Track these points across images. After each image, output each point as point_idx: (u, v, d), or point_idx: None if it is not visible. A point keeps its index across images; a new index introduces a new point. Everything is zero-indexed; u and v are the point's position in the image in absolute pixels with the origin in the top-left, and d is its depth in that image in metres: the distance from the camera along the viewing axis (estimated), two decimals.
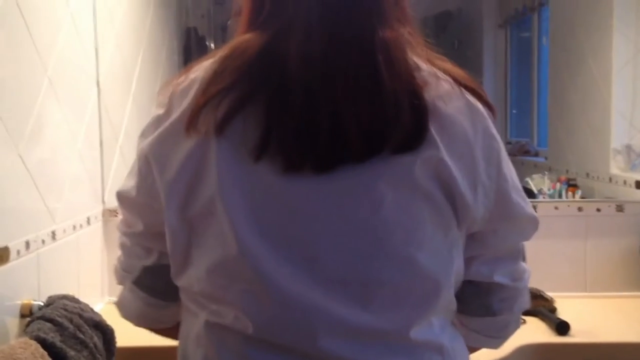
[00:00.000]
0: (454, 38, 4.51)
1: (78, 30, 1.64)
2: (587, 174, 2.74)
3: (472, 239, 0.88)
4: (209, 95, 0.77)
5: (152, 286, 0.91)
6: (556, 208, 1.93)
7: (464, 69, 0.83)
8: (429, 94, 0.77)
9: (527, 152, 3.64)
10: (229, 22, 2.97)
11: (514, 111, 4.11)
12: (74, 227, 1.58)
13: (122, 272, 0.96)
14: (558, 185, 2.67)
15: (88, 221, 1.69)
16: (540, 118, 3.68)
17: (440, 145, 0.77)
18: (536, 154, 3.62)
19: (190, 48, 3.21)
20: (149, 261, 0.91)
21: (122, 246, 0.95)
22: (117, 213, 1.80)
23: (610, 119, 2.55)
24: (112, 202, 1.83)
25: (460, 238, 0.84)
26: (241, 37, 0.82)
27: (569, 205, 1.94)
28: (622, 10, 2.48)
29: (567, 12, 2.90)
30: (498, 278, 0.90)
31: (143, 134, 0.86)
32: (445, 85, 0.80)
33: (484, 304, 0.91)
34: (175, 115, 0.80)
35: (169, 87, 0.84)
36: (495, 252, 0.90)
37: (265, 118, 0.75)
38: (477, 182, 0.81)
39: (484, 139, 0.82)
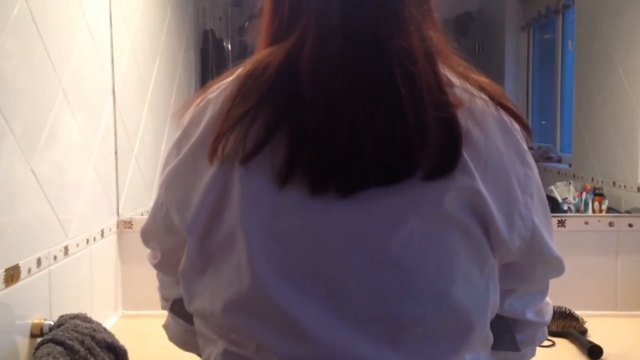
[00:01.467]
0: (475, 40, 4.43)
1: (94, 39, 1.59)
2: (614, 183, 2.65)
3: (506, 270, 0.82)
4: (233, 120, 0.73)
5: (187, 314, 0.87)
6: (586, 223, 1.85)
7: (486, 74, 0.79)
8: (462, 114, 0.72)
9: (549, 158, 3.56)
10: (246, 24, 2.93)
11: (536, 116, 4.02)
12: (87, 241, 1.53)
13: (162, 300, 0.97)
14: (584, 194, 2.59)
15: (102, 234, 1.64)
16: (564, 123, 3.60)
17: (475, 173, 0.72)
18: (559, 160, 3.54)
19: (207, 50, 3.17)
20: (179, 291, 0.87)
21: (157, 275, 0.96)
22: (131, 224, 1.76)
23: (639, 127, 2.47)
24: (127, 213, 1.79)
25: (496, 270, 0.79)
26: (262, 53, 0.78)
27: (599, 220, 1.86)
28: None
29: (594, 16, 2.81)
30: (529, 315, 0.87)
31: (166, 161, 0.82)
32: (479, 103, 0.74)
33: (512, 339, 0.88)
34: (194, 138, 0.77)
35: (188, 107, 0.81)
36: (528, 288, 0.86)
37: (289, 143, 0.71)
38: (513, 214, 0.76)
39: (520, 165, 0.77)
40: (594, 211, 2.48)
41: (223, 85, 0.78)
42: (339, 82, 0.71)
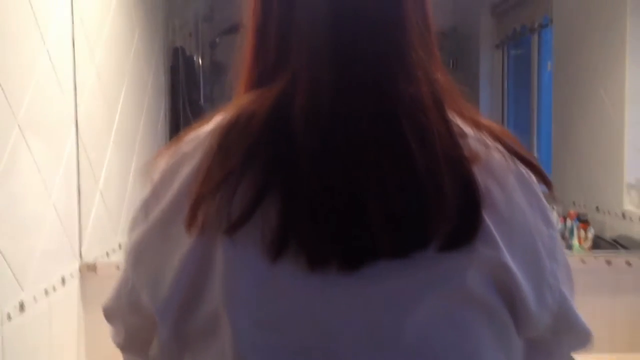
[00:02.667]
0: (449, 57, 4.37)
1: (55, 68, 1.44)
2: (597, 208, 2.58)
3: (531, 347, 0.71)
4: (214, 181, 0.62)
5: None
6: (583, 262, 1.75)
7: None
8: (480, 170, 0.62)
9: None
10: (217, 40, 2.80)
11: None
12: (46, 292, 1.37)
13: None
14: (569, 221, 2.51)
15: (63, 281, 1.48)
16: (541, 144, 3.53)
17: (499, 241, 0.62)
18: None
19: (177, 68, 3.03)
20: None
21: (123, 356, 0.83)
22: (95, 268, 1.60)
23: (623, 152, 2.39)
24: (91, 255, 1.63)
25: (521, 353, 0.69)
26: (244, 99, 0.66)
27: (595, 258, 1.76)
28: (635, 37, 2.32)
29: (574, 36, 2.74)
30: None
31: (132, 225, 0.69)
32: (497, 156, 0.65)
33: None
34: (165, 201, 0.65)
35: (158, 161, 0.68)
36: None
37: (281, 208, 0.60)
38: (542, 286, 0.66)
39: (544, 226, 0.68)
40: (579, 239, 2.40)
41: (200, 137, 0.66)
42: (338, 137, 0.61)
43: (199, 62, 2.80)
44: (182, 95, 2.96)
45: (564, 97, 2.85)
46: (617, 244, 2.28)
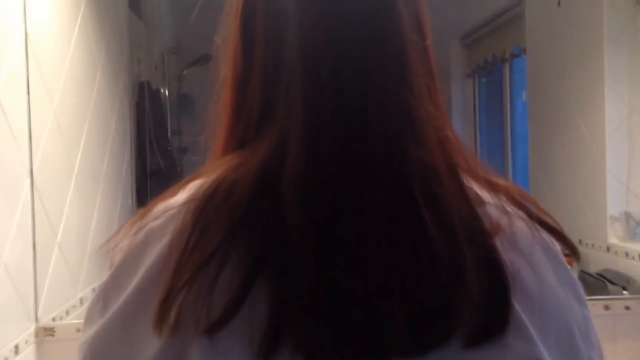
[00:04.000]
0: None
1: (6, 113, 1.30)
2: (580, 241, 2.49)
3: None
4: (190, 270, 0.50)
5: None
6: None
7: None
8: (503, 245, 0.54)
9: None
10: (184, 72, 2.68)
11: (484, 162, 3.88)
12: None
13: None
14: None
15: (16, 350, 1.31)
16: (517, 174, 3.46)
17: (532, 332, 0.53)
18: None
19: (143, 104, 2.88)
20: None
21: None
22: (53, 332, 1.43)
23: (605, 183, 2.32)
24: (49, 315, 1.46)
25: None
26: (223, 164, 0.55)
27: (594, 304, 1.66)
28: (613, 67, 2.26)
29: (549, 66, 2.68)
30: None
31: (87, 318, 0.56)
32: (521, 227, 0.57)
33: None
34: (128, 290, 0.53)
35: (120, 238, 0.56)
36: None
37: (272, 301, 0.49)
38: None
39: (577, 304, 0.60)
40: None
41: (172, 209, 0.55)
42: (339, 213, 0.51)
43: (165, 95, 2.66)
44: (149, 131, 2.82)
45: (541, 127, 2.78)
46: (603, 278, 2.19)
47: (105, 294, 0.54)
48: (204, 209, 0.51)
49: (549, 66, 2.69)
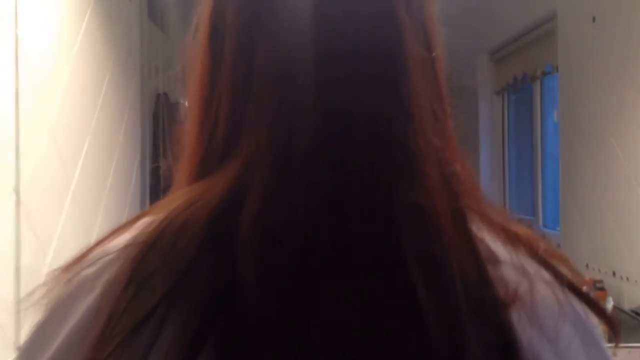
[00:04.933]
0: None
1: None
2: (614, 273, 2.31)
3: None
4: (119, 335, 0.41)
5: None
6: (614, 355, 1.47)
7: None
8: (521, 320, 0.43)
9: None
10: None
11: (513, 185, 3.71)
12: None
13: None
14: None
15: None
16: (547, 196, 3.28)
17: None
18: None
19: (158, 116, 2.78)
20: None
21: None
22: None
23: None
24: None
25: None
26: (177, 200, 0.45)
27: (629, 352, 1.49)
28: None
29: (582, 85, 2.50)
30: None
31: None
32: (544, 292, 0.46)
33: None
34: (50, 352, 0.44)
35: (50, 290, 0.46)
36: None
37: None
38: None
39: None
40: None
41: (109, 255, 0.45)
42: (307, 275, 0.41)
43: (185, 108, 2.56)
44: (164, 145, 2.71)
45: (572, 148, 2.60)
46: (637, 315, 2.01)
47: (28, 355, 0.45)
48: (144, 258, 0.42)
49: (582, 85, 2.51)
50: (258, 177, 0.42)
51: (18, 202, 1.31)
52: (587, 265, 2.47)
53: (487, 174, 3.77)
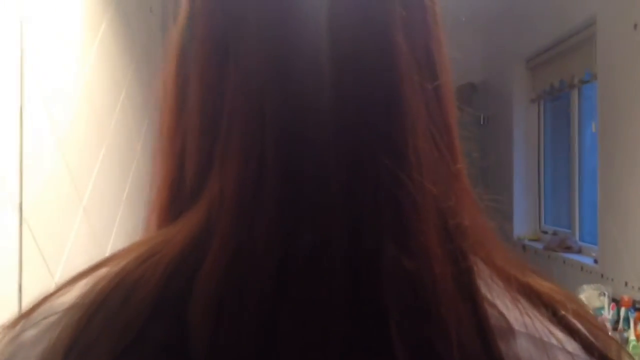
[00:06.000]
0: (479, 113, 4.00)
1: None
2: None
3: None
4: None
5: None
6: None
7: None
8: None
9: (568, 248, 3.06)
10: None
11: (549, 196, 3.55)
12: None
13: None
14: (623, 310, 2.08)
15: None
16: (584, 209, 3.12)
17: None
18: (579, 251, 3.04)
19: None
20: None
21: None
22: None
23: None
24: None
25: None
26: (136, 251, 0.38)
27: None
28: None
29: (623, 95, 2.35)
30: None
31: None
32: None
33: None
34: None
35: (2, 333, 0.40)
36: None
37: None
38: None
39: None
40: (637, 335, 1.97)
41: (53, 316, 0.39)
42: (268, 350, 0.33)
43: None
44: None
45: (612, 161, 2.45)
46: None
47: None
48: (88, 323, 0.36)
49: (623, 94, 2.36)
50: (219, 234, 0.35)
51: (20, 219, 1.25)
52: (626, 284, 2.32)
53: (521, 185, 3.62)
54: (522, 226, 3.48)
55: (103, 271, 0.39)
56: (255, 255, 0.34)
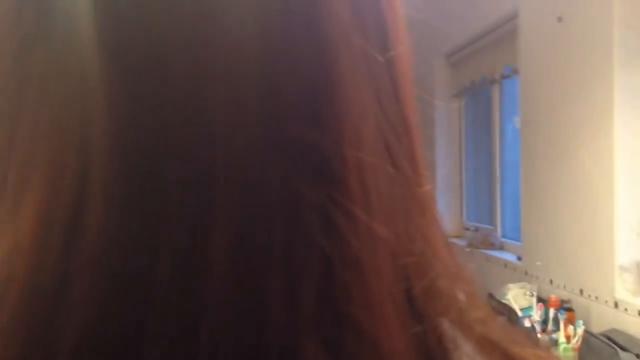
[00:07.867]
0: None
1: None
2: (581, 291, 2.07)
3: None
4: None
5: None
6: None
7: None
8: None
9: (490, 245, 2.98)
10: None
11: (471, 192, 3.46)
12: None
13: None
14: (551, 310, 1.97)
15: None
16: (506, 204, 3.04)
17: None
18: (501, 247, 2.96)
19: None
20: None
21: None
22: None
23: (613, 227, 1.90)
24: None
25: None
26: None
27: None
28: (625, 92, 1.85)
29: (546, 90, 2.25)
30: None
31: None
32: None
33: None
34: None
35: None
36: None
37: None
38: None
39: None
40: (567, 335, 1.87)
41: None
42: None
43: None
44: None
45: (534, 157, 2.35)
46: (611, 342, 1.75)
47: None
48: None
49: (545, 89, 2.26)
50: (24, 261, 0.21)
51: None
52: (551, 282, 2.23)
53: (442, 181, 3.51)
54: (443, 223, 3.38)
55: None
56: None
